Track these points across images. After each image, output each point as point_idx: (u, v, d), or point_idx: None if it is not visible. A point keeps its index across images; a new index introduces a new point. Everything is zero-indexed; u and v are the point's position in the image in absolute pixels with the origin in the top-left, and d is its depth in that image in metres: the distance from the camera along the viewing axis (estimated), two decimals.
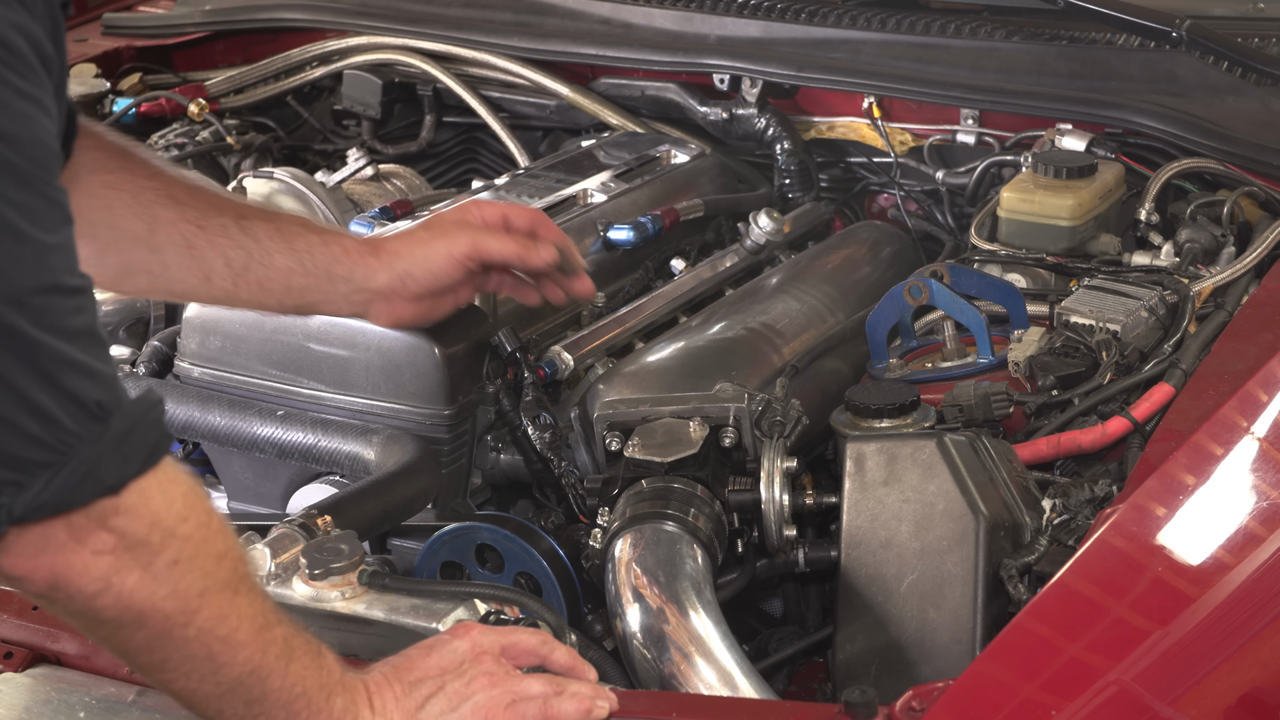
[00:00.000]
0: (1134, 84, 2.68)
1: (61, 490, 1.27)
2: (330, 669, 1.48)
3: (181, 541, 1.35)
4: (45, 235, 1.26)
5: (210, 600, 1.37)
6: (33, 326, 1.24)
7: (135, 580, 1.33)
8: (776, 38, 2.94)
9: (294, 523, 1.79)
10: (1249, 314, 2.23)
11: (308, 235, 1.89)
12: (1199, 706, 1.55)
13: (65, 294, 1.28)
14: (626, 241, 2.48)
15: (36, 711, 1.68)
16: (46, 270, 1.26)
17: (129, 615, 1.34)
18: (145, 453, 1.32)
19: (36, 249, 1.25)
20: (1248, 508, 1.84)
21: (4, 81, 1.24)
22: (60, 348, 1.26)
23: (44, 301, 1.25)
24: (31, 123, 1.26)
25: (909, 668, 1.80)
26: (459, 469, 2.13)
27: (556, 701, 1.55)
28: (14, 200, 1.24)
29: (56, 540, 1.29)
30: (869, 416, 1.98)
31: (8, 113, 1.24)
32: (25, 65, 1.26)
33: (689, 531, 1.82)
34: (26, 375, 1.24)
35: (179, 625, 1.36)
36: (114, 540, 1.31)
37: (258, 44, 3.34)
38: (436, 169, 3.19)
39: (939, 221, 2.85)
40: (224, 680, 1.41)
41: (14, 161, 1.24)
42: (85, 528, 1.30)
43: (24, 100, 1.26)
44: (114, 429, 1.29)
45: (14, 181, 1.24)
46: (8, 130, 1.24)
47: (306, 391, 2.15)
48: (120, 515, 1.31)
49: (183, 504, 1.35)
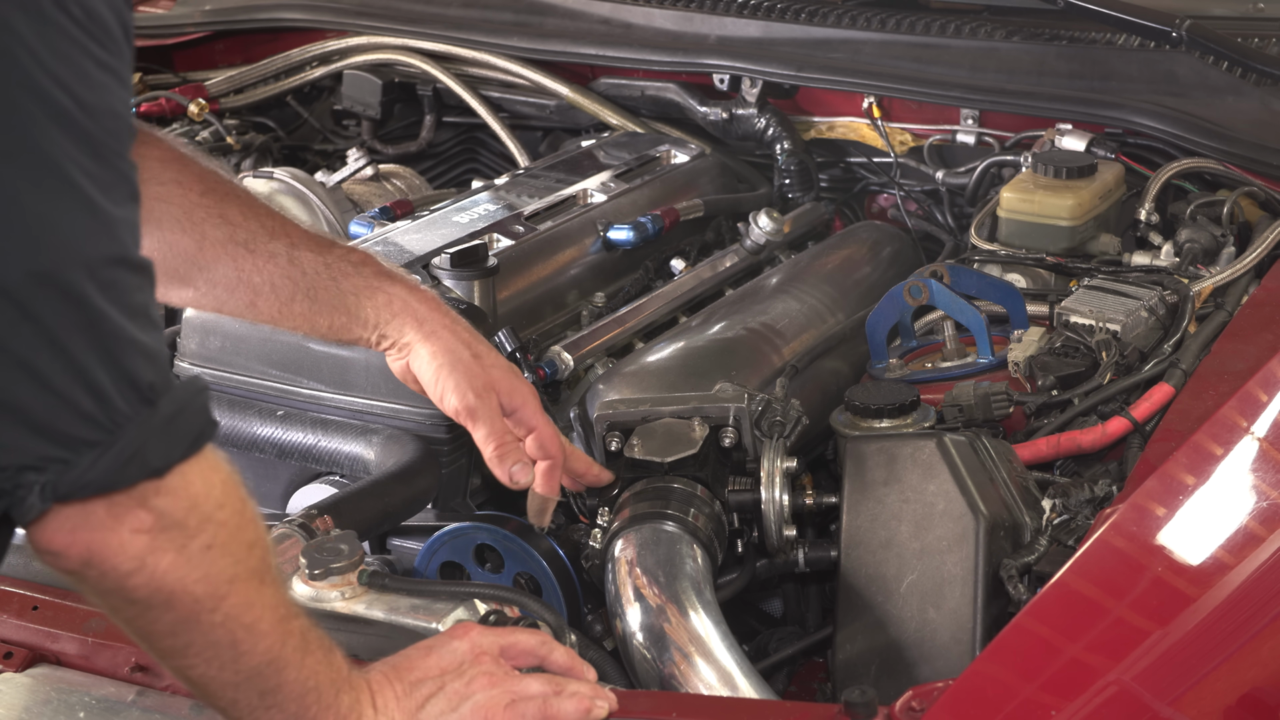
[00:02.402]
0: (1134, 84, 2.68)
1: (108, 471, 1.27)
2: (339, 666, 1.49)
3: (217, 527, 1.35)
4: (114, 208, 1.25)
5: (239, 587, 1.38)
6: (101, 299, 1.23)
7: (169, 562, 1.32)
8: (776, 38, 2.94)
9: (294, 523, 1.79)
10: (1249, 314, 2.23)
11: (356, 277, 1.83)
12: (1199, 706, 1.55)
13: (132, 269, 1.27)
14: (626, 241, 2.48)
15: (36, 711, 1.68)
16: (117, 243, 1.25)
17: (159, 596, 1.34)
18: (191, 438, 1.32)
19: (107, 221, 1.24)
20: (1248, 508, 1.84)
21: (85, 51, 1.23)
22: (122, 324, 1.25)
23: (111, 275, 1.24)
24: (109, 93, 1.25)
25: (909, 668, 1.80)
26: (459, 469, 2.13)
27: (556, 701, 1.55)
28: (89, 170, 1.23)
29: (95, 517, 1.29)
30: (869, 416, 1.98)
31: (87, 82, 1.23)
32: (107, 35, 1.25)
33: (689, 531, 1.82)
34: (88, 349, 1.23)
35: (206, 610, 1.36)
36: (152, 520, 1.31)
37: (258, 44, 3.34)
38: (436, 169, 3.19)
39: (939, 221, 2.85)
40: (243, 669, 1.41)
41: (91, 131, 1.23)
42: (125, 506, 1.29)
43: (103, 70, 1.25)
44: (162, 412, 1.29)
45: (89, 152, 1.23)
46: (86, 99, 1.23)
47: (306, 391, 2.15)
48: (161, 496, 1.31)
49: (221, 490, 1.35)
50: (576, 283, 2.43)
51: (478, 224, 2.39)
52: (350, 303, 1.82)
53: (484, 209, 2.46)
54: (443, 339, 1.85)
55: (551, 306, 2.38)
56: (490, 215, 2.43)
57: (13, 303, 1.20)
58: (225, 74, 3.27)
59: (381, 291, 1.84)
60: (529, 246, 2.37)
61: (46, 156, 1.21)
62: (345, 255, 1.83)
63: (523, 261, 2.34)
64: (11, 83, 1.20)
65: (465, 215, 2.43)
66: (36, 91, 1.20)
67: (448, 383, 1.84)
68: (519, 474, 1.84)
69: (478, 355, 1.87)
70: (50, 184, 1.21)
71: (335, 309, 1.82)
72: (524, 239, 2.37)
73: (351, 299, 1.82)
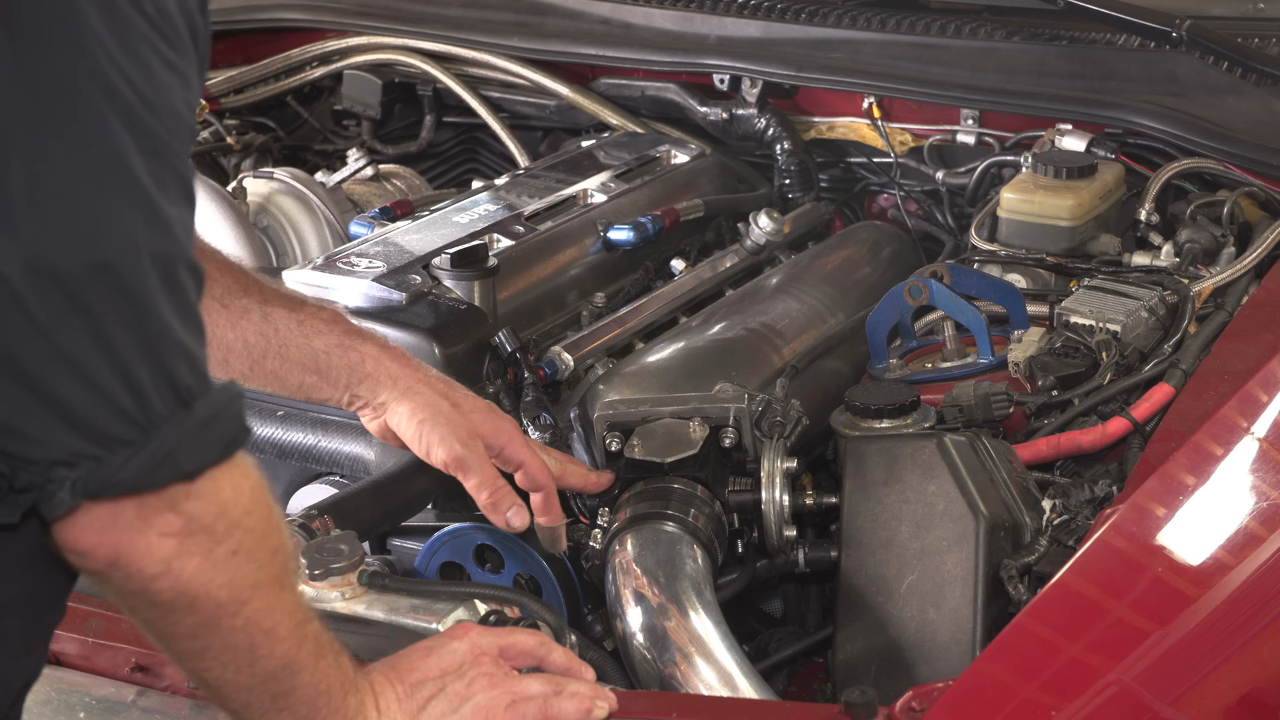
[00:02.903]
0: (1134, 84, 2.68)
1: (139, 471, 1.26)
2: (347, 668, 1.49)
3: (244, 533, 1.35)
4: (170, 208, 1.24)
5: (261, 593, 1.37)
6: (153, 294, 1.23)
7: (195, 566, 1.32)
8: (776, 38, 2.94)
9: (294, 523, 1.79)
10: (1249, 314, 2.23)
11: (328, 335, 1.84)
12: (1199, 706, 1.55)
13: (185, 269, 1.26)
14: (626, 242, 2.48)
15: (36, 712, 1.68)
16: (174, 241, 1.24)
17: (183, 600, 1.33)
18: (224, 443, 1.31)
19: (164, 220, 1.23)
20: (1248, 508, 1.84)
21: (154, 48, 1.23)
22: (170, 323, 1.24)
23: (165, 272, 1.24)
24: (172, 93, 1.24)
25: (909, 668, 1.80)
26: None
27: (556, 701, 1.55)
28: (149, 169, 1.22)
29: (124, 518, 1.28)
30: (869, 417, 1.97)
31: (152, 80, 1.23)
32: (175, 34, 1.25)
33: (689, 532, 1.82)
34: (133, 345, 1.23)
35: (228, 614, 1.36)
36: (181, 524, 1.30)
37: (258, 44, 3.34)
38: (436, 169, 3.19)
39: (939, 221, 2.85)
40: (259, 672, 1.41)
41: (153, 129, 1.22)
42: (155, 508, 1.29)
43: (169, 70, 1.24)
44: (197, 415, 1.28)
45: (149, 149, 1.22)
46: (149, 96, 1.22)
47: None
48: (191, 500, 1.30)
49: (250, 497, 1.35)
50: (576, 283, 2.43)
51: (478, 224, 2.39)
52: (322, 361, 1.83)
53: (484, 209, 2.46)
54: (420, 394, 1.86)
55: (551, 306, 2.38)
56: (490, 215, 2.43)
57: (66, 294, 1.19)
58: (225, 74, 3.27)
59: (354, 350, 1.84)
60: (529, 246, 2.37)
61: (110, 149, 1.20)
62: (316, 313, 1.84)
63: (523, 261, 2.34)
64: (80, 72, 1.19)
65: (465, 215, 2.43)
66: (104, 83, 1.20)
67: (432, 437, 1.85)
68: (515, 519, 1.85)
69: (456, 404, 1.88)
70: (112, 178, 1.21)
71: (306, 368, 1.82)
72: (524, 239, 2.37)
73: (323, 357, 1.83)
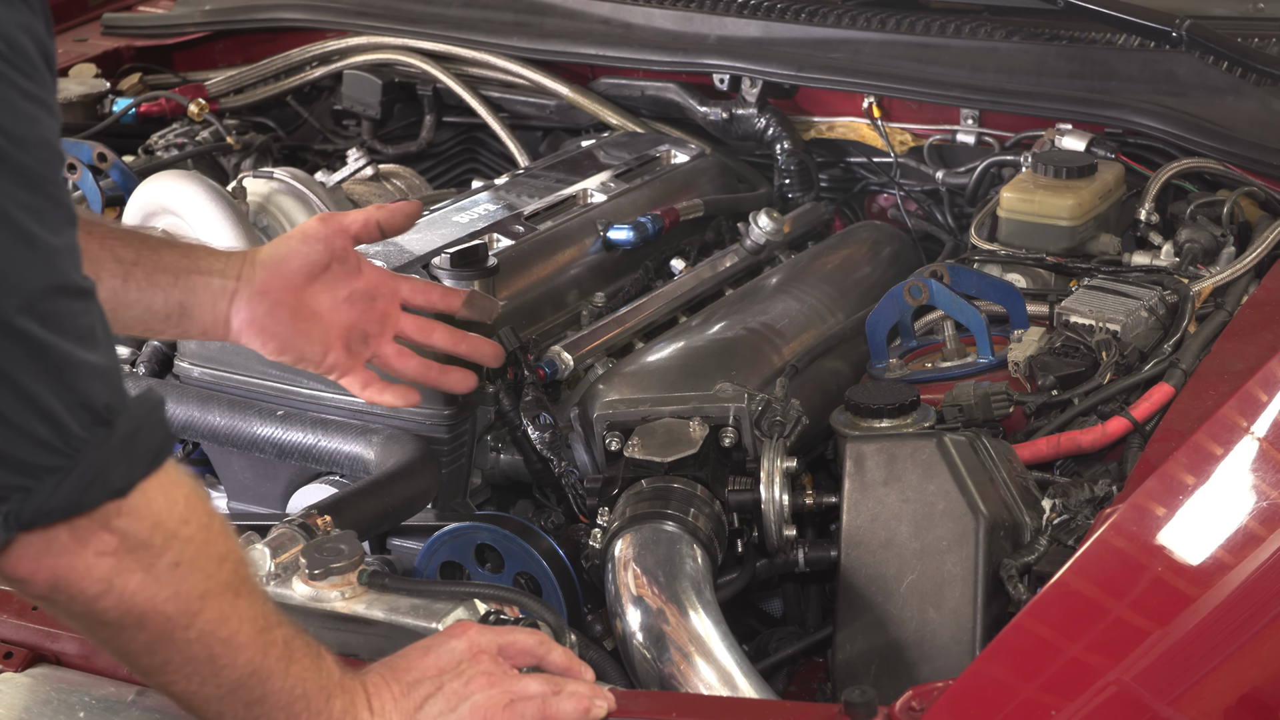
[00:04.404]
0: (1134, 84, 2.68)
1: (70, 495, 1.27)
2: (329, 671, 1.48)
3: (183, 543, 1.34)
4: (52, 237, 1.25)
5: (211, 602, 1.37)
6: (44, 330, 1.24)
7: (137, 582, 1.32)
8: (776, 38, 2.94)
9: (294, 523, 1.79)
10: (1249, 314, 2.23)
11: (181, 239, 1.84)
12: (1199, 706, 1.55)
13: (74, 295, 1.27)
14: (626, 241, 2.48)
15: (36, 711, 1.68)
16: (56, 272, 1.26)
17: (130, 617, 1.34)
18: (151, 455, 1.32)
19: (46, 251, 1.25)
20: (1248, 508, 1.84)
21: (11, 83, 1.24)
22: (70, 350, 1.25)
23: (54, 304, 1.25)
24: (38, 124, 1.25)
25: (909, 668, 1.80)
26: (459, 469, 2.13)
27: (555, 701, 1.55)
28: (24, 203, 1.23)
29: (59, 542, 1.29)
30: (869, 416, 1.97)
31: (14, 115, 1.24)
32: (31, 66, 1.26)
33: (689, 531, 1.82)
34: (38, 379, 1.24)
35: (180, 627, 1.36)
36: (116, 542, 1.31)
37: (258, 44, 3.35)
38: (436, 169, 3.19)
39: (939, 221, 2.85)
40: (225, 682, 1.41)
41: (23, 163, 1.24)
42: (88, 529, 1.29)
43: (30, 102, 1.25)
44: (120, 431, 1.29)
45: (23, 184, 1.23)
46: (15, 132, 1.23)
47: (306, 391, 2.15)
48: (123, 516, 1.31)
49: (185, 506, 1.35)
50: (576, 283, 2.43)
51: (478, 224, 2.39)
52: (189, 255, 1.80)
53: (484, 209, 2.46)
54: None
55: (551, 306, 2.37)
56: (490, 215, 2.43)
57: None
58: (225, 74, 3.27)
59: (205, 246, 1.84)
60: (529, 246, 2.37)
61: None
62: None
63: (523, 261, 2.34)
64: None
65: (465, 215, 2.42)
66: None
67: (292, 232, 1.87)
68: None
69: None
70: None
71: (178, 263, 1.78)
72: (524, 239, 2.37)
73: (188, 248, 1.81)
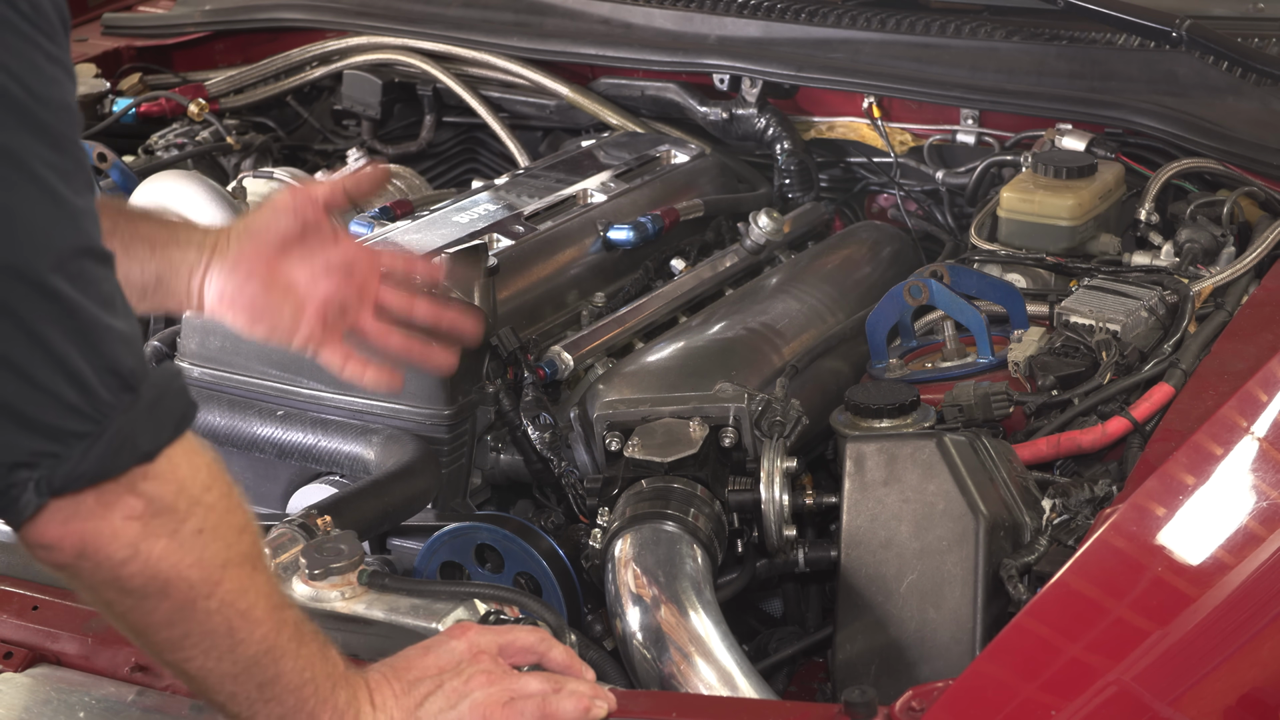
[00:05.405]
0: (1134, 84, 2.68)
1: (100, 460, 1.27)
2: (335, 661, 1.49)
3: (206, 510, 1.35)
4: (76, 199, 1.25)
5: (232, 572, 1.38)
6: (74, 290, 1.24)
7: (162, 547, 1.32)
8: (776, 38, 2.94)
9: (294, 523, 1.79)
10: (1249, 314, 2.23)
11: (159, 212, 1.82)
12: (1199, 706, 1.55)
13: (99, 259, 1.27)
14: (626, 241, 2.48)
15: (36, 711, 1.68)
16: (84, 234, 1.26)
17: (155, 584, 1.34)
18: (175, 420, 1.32)
19: (72, 212, 1.25)
20: (1248, 508, 1.84)
21: (36, 45, 1.24)
22: (98, 314, 1.25)
23: (81, 265, 1.25)
24: (60, 86, 1.26)
25: (909, 668, 1.80)
26: (459, 469, 2.13)
27: (555, 699, 1.55)
28: (50, 162, 1.23)
29: (85, 507, 1.29)
30: (869, 416, 1.97)
31: (40, 76, 1.24)
32: (52, 28, 1.26)
33: (689, 531, 1.82)
34: (67, 341, 1.24)
35: (202, 596, 1.36)
36: (142, 506, 1.31)
37: (258, 44, 3.35)
38: (436, 169, 3.19)
39: (939, 221, 2.85)
40: (240, 658, 1.41)
41: (49, 123, 1.24)
42: (115, 494, 1.30)
43: (53, 64, 1.25)
44: (145, 397, 1.29)
45: (49, 143, 1.23)
46: (41, 93, 1.23)
47: (306, 391, 2.15)
48: (149, 481, 1.31)
49: (207, 473, 1.36)
50: (576, 283, 2.43)
51: (478, 224, 2.39)
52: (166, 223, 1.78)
53: (484, 209, 2.46)
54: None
55: (551, 306, 2.38)
56: (490, 215, 2.43)
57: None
58: (225, 74, 3.27)
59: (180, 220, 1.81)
60: (529, 246, 2.37)
61: (9, 151, 1.21)
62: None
63: (523, 261, 2.34)
64: None
65: (465, 215, 2.43)
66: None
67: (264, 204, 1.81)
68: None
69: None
70: (15, 178, 1.22)
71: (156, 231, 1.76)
72: (524, 239, 2.37)
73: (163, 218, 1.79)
